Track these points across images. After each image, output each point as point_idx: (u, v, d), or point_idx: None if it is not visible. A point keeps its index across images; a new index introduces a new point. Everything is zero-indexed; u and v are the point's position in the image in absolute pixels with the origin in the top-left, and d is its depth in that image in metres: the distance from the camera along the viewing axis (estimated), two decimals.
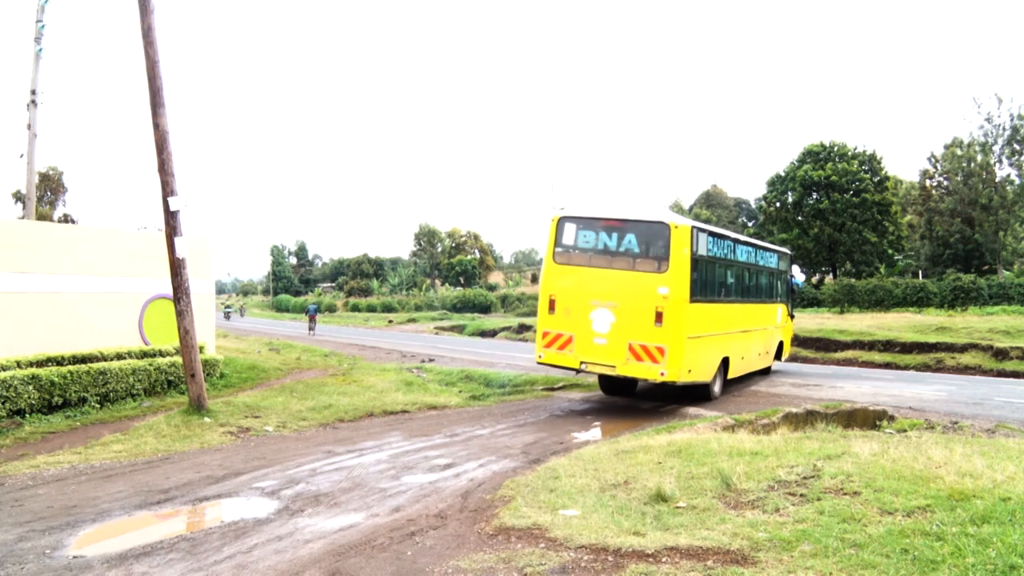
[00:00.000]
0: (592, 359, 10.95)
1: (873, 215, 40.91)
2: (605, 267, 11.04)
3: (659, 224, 10.82)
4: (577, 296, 11.10)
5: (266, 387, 14.37)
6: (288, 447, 8.73)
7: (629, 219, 11.06)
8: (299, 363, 19.59)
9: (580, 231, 11.32)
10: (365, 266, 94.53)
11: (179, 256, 10.30)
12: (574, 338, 11.07)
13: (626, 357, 10.68)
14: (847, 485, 5.44)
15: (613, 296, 10.83)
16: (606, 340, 10.80)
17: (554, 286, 11.37)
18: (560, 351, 11.21)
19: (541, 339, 11.40)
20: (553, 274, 11.44)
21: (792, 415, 10.14)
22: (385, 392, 13.29)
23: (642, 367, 10.60)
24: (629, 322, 10.66)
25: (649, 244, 10.87)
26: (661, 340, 10.47)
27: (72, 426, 9.77)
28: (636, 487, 5.92)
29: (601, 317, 10.88)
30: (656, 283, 10.56)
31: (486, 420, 10.72)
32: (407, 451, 8.38)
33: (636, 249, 10.92)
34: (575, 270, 11.24)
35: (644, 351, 10.56)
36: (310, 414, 10.97)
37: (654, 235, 10.83)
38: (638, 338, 10.59)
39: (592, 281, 11.04)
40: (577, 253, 11.32)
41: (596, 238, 11.20)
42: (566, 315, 11.15)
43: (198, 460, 7.97)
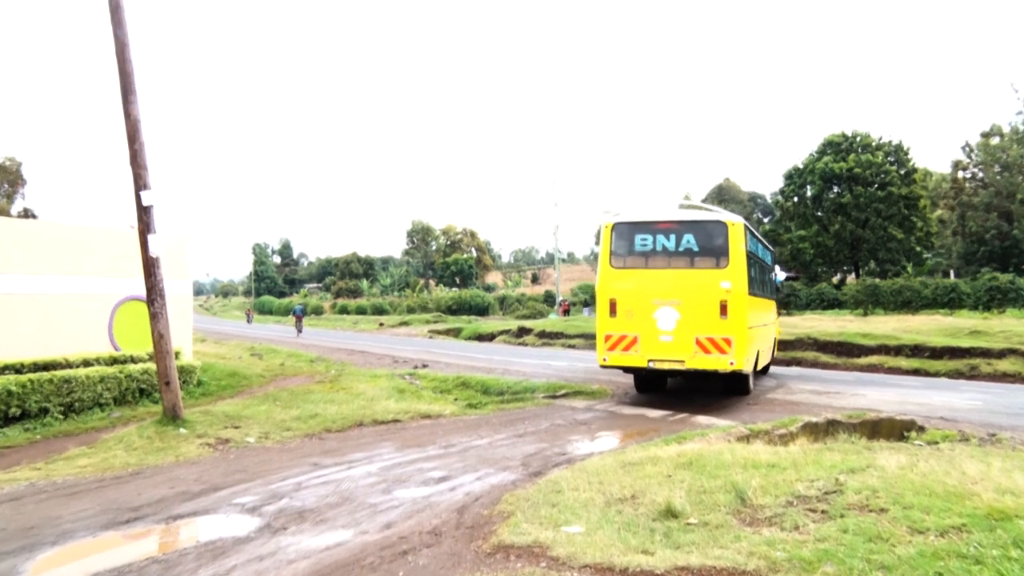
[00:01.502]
0: (660, 356, 12.16)
1: (900, 210, 40.81)
2: (664, 267, 12.32)
3: (717, 223, 12.20)
4: (639, 297, 12.30)
5: (248, 395, 14.33)
6: (271, 459, 8.71)
7: (687, 220, 12.45)
8: (283, 369, 19.55)
9: (637, 235, 12.55)
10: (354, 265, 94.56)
11: (153, 254, 10.28)
12: (639, 338, 12.26)
13: (694, 351, 11.93)
14: (873, 501, 5.41)
15: (676, 294, 12.09)
16: (672, 337, 12.06)
17: (614, 289, 12.51)
18: (625, 352, 12.35)
19: (603, 342, 12.51)
20: (611, 278, 12.60)
21: (811, 425, 10.11)
22: (376, 400, 13.26)
23: (711, 359, 11.85)
24: (694, 318, 11.94)
25: (707, 242, 12.19)
26: (728, 332, 11.80)
27: (32, 439, 9.73)
28: (644, 502, 5.90)
29: (666, 315, 12.13)
30: (718, 278, 11.90)
31: (483, 430, 10.70)
32: (399, 463, 8.35)
33: (696, 248, 12.21)
34: (634, 272, 12.46)
35: (712, 344, 11.86)
36: (295, 424, 10.94)
37: (712, 233, 12.18)
38: (705, 332, 11.88)
39: (653, 282, 12.28)
40: (634, 256, 12.55)
41: (653, 240, 12.45)
42: (628, 317, 12.32)
43: (173, 474, 7.94)
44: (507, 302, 64.82)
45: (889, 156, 42.30)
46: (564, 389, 14.75)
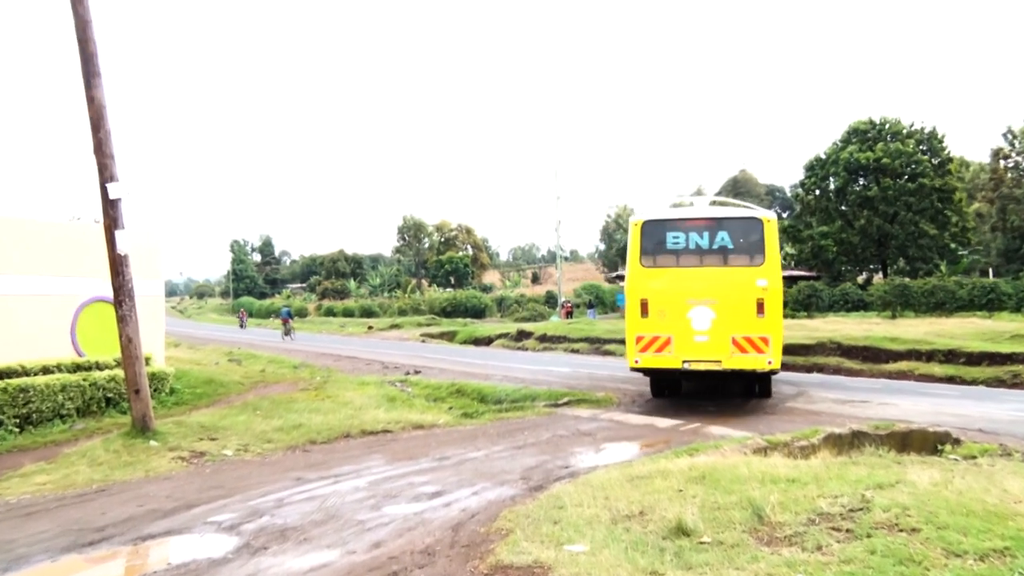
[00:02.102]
0: (695, 357, 12.58)
1: (932, 203, 40.67)
2: (696, 265, 12.77)
3: (753, 219, 12.74)
4: (672, 297, 12.70)
5: (225, 404, 14.32)
6: (251, 473, 8.70)
7: (721, 216, 12.93)
8: (264, 376, 19.56)
9: (668, 232, 12.95)
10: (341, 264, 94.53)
11: (121, 252, 10.26)
12: (673, 339, 12.67)
13: (730, 351, 12.40)
14: (903, 520, 5.38)
15: (711, 293, 12.53)
16: (708, 337, 12.48)
17: (645, 289, 12.89)
18: (658, 353, 12.75)
19: (635, 344, 12.83)
20: (642, 277, 12.98)
21: (835, 436, 10.11)
22: (364, 409, 13.28)
23: (748, 359, 12.35)
24: (731, 316, 12.41)
25: (742, 239, 12.70)
26: (765, 330, 12.32)
27: None
28: (653, 519, 5.90)
29: (700, 315, 12.54)
30: (754, 276, 12.42)
31: (480, 441, 10.71)
32: (389, 477, 8.35)
33: (730, 245, 12.68)
34: (665, 271, 12.87)
35: (748, 343, 12.37)
36: (277, 435, 10.94)
37: (748, 230, 12.71)
38: (741, 331, 12.37)
39: (687, 280, 12.70)
40: (665, 254, 12.96)
41: (686, 238, 12.85)
42: (661, 317, 12.73)
43: (142, 491, 7.92)
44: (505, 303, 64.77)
45: (921, 144, 42.09)
46: (567, 397, 14.76)
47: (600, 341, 31.37)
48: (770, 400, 14.34)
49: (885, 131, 43.17)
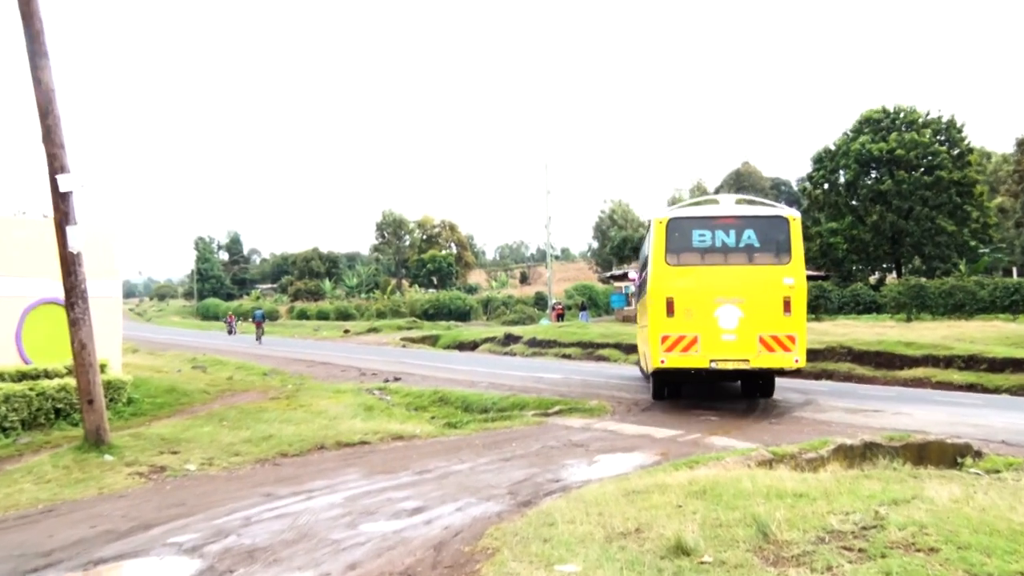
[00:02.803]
0: (722, 356, 13.36)
1: (950, 197, 40.92)
2: (722, 263, 13.59)
3: (779, 218, 13.64)
4: (698, 295, 13.43)
5: (188, 414, 14.26)
6: (216, 490, 8.64)
7: (748, 215, 13.77)
8: (231, 384, 19.50)
9: (694, 230, 13.71)
10: (315, 263, 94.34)
11: (73, 249, 10.18)
12: (699, 338, 13.37)
13: (757, 350, 13.24)
14: (920, 539, 5.38)
15: (738, 291, 13.34)
16: (735, 336, 13.28)
17: (670, 288, 13.59)
18: (684, 353, 13.44)
19: (660, 343, 13.54)
20: (667, 276, 13.67)
21: (846, 448, 10.15)
22: (340, 419, 13.27)
23: (775, 357, 13.23)
24: (758, 315, 13.26)
25: (768, 237, 13.56)
26: (792, 329, 13.22)
27: None
28: (650, 536, 5.90)
29: (727, 313, 13.33)
30: (780, 274, 13.33)
31: (465, 452, 10.70)
32: (367, 492, 8.32)
33: (756, 243, 13.53)
34: (691, 270, 13.60)
35: (775, 341, 13.23)
36: (245, 447, 10.91)
37: (774, 228, 13.58)
38: (768, 329, 13.22)
39: (714, 279, 13.47)
40: (689, 252, 13.70)
41: (712, 236, 13.63)
42: (687, 316, 13.45)
43: (95, 511, 7.84)
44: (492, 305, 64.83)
45: (938, 134, 42.29)
46: (558, 405, 14.78)
47: (593, 346, 31.43)
48: (776, 409, 14.40)
49: (900, 120, 43.40)
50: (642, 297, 18.54)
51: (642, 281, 18.20)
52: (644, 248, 17.60)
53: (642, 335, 17.87)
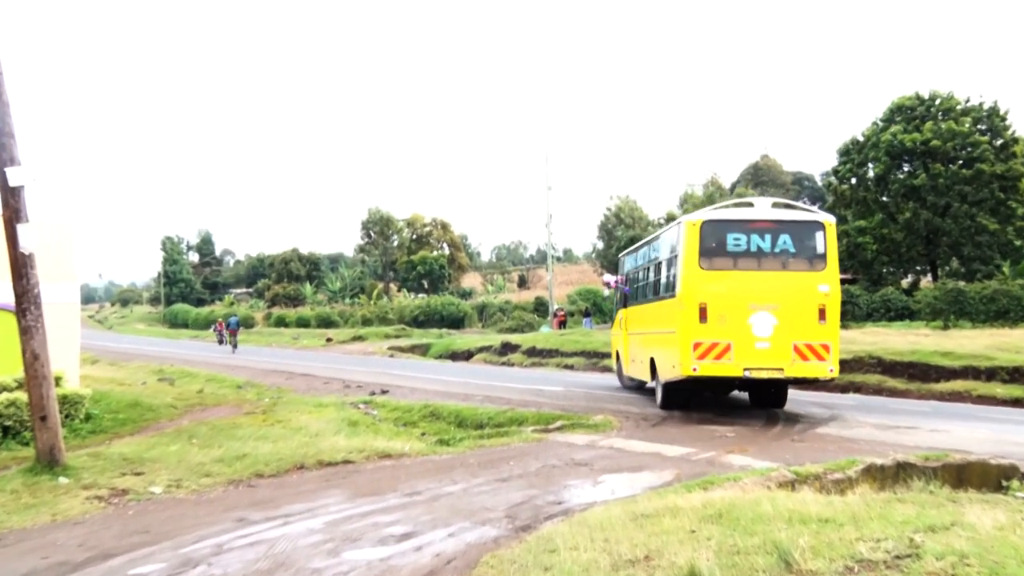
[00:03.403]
0: (756, 364, 14.06)
1: (993, 192, 40.81)
2: (755, 269, 14.39)
3: (815, 223, 14.61)
4: (733, 301, 14.13)
5: (154, 431, 14.24)
6: (184, 514, 8.62)
7: (784, 219, 14.69)
8: (202, 398, 19.51)
9: (729, 234, 14.45)
10: (294, 265, 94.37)
11: (25, 250, 10.14)
12: (733, 345, 14.04)
13: (792, 358, 13.98)
14: (961, 570, 5.35)
15: (773, 298, 14.10)
16: (769, 344, 14.00)
17: (703, 292, 14.27)
18: (717, 361, 14.08)
19: (692, 350, 14.16)
20: (700, 281, 14.37)
21: (876, 468, 10.13)
22: (321, 436, 13.26)
23: (809, 366, 14.04)
24: (792, 323, 14.02)
25: (804, 243, 14.46)
26: (826, 337, 14.05)
27: None
28: (661, 564, 5.89)
29: (762, 320, 14.02)
30: (816, 281, 14.17)
31: (458, 472, 10.70)
32: (350, 516, 8.31)
33: (792, 249, 14.38)
34: (725, 275, 14.37)
35: (810, 350, 14.01)
36: (216, 467, 10.88)
37: (810, 234, 14.49)
38: (803, 338, 14.00)
39: (748, 285, 14.27)
40: (723, 257, 14.44)
41: (747, 240, 14.40)
42: (721, 322, 14.10)
43: (48, 539, 7.79)
44: (488, 311, 64.81)
45: (979, 123, 42.10)
46: (560, 420, 14.79)
47: (598, 355, 31.46)
48: (798, 425, 14.41)
49: (935, 108, 43.31)
50: (637, 302, 19.04)
51: (642, 284, 18.60)
52: (654, 250, 17.74)
53: (641, 341, 18.23)
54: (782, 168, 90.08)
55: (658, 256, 17.00)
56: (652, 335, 17.19)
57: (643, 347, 18.10)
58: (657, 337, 16.62)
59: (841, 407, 17.10)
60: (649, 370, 17.15)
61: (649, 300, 17.65)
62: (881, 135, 43.23)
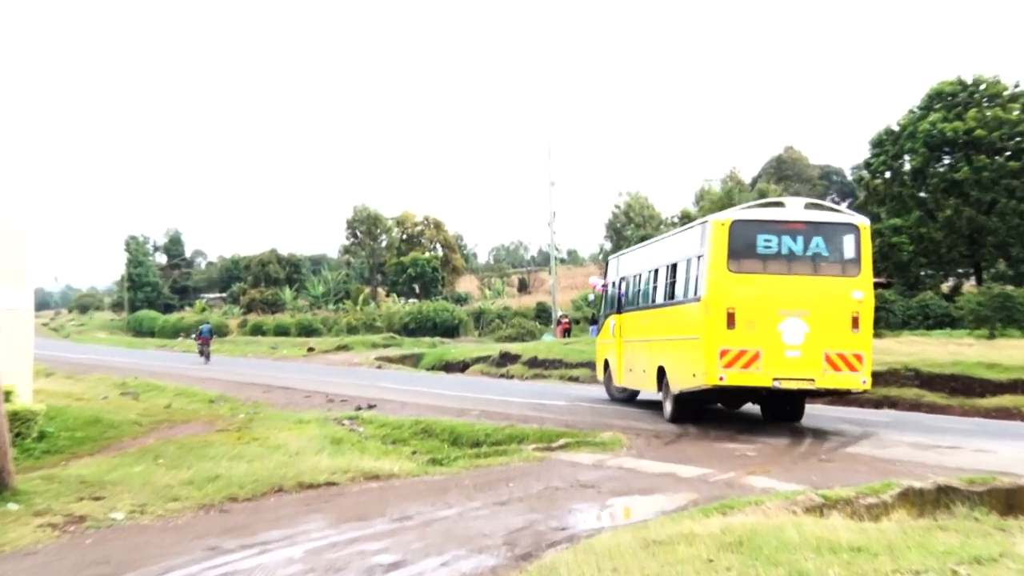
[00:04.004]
0: (785, 374, 14.41)
1: None
2: (785, 273, 14.71)
3: (849, 225, 14.98)
4: (762, 307, 14.47)
5: (116, 451, 14.23)
6: (149, 543, 8.59)
7: (817, 221, 15.06)
8: (170, 413, 19.49)
9: (759, 235, 14.78)
10: (273, 267, 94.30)
11: None
12: (761, 353, 14.37)
13: (823, 368, 14.35)
14: None
15: (804, 304, 14.43)
16: (800, 352, 14.34)
17: (731, 297, 14.58)
18: (744, 370, 14.43)
19: (719, 358, 14.44)
20: (728, 284, 14.68)
21: (914, 492, 10.12)
22: (302, 455, 13.24)
23: (841, 377, 14.43)
24: (824, 331, 14.36)
25: (837, 246, 14.84)
26: (859, 347, 14.42)
27: None
28: None
29: (792, 328, 14.36)
30: (849, 287, 14.55)
31: (452, 495, 10.71)
32: (334, 544, 8.30)
33: (824, 252, 14.77)
34: (754, 278, 14.68)
35: (842, 360, 14.34)
36: (185, 490, 10.84)
37: (844, 237, 14.87)
38: (835, 347, 14.34)
39: (777, 289, 14.58)
40: (752, 260, 14.77)
41: (778, 242, 14.74)
42: (749, 329, 14.43)
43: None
44: (485, 318, 64.89)
45: None
46: (564, 438, 14.81)
47: None
48: (827, 443, 14.43)
49: (979, 94, 43.15)
50: (637, 307, 19.42)
51: (646, 287, 18.91)
52: (666, 251, 18.05)
53: (645, 348, 18.54)
54: (808, 161, 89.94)
55: (673, 257, 17.10)
56: (662, 342, 17.34)
57: (647, 355, 18.27)
58: (670, 344, 16.76)
59: (874, 424, 17.12)
60: (656, 380, 17.32)
61: (657, 305, 17.84)
62: (919, 124, 43.09)
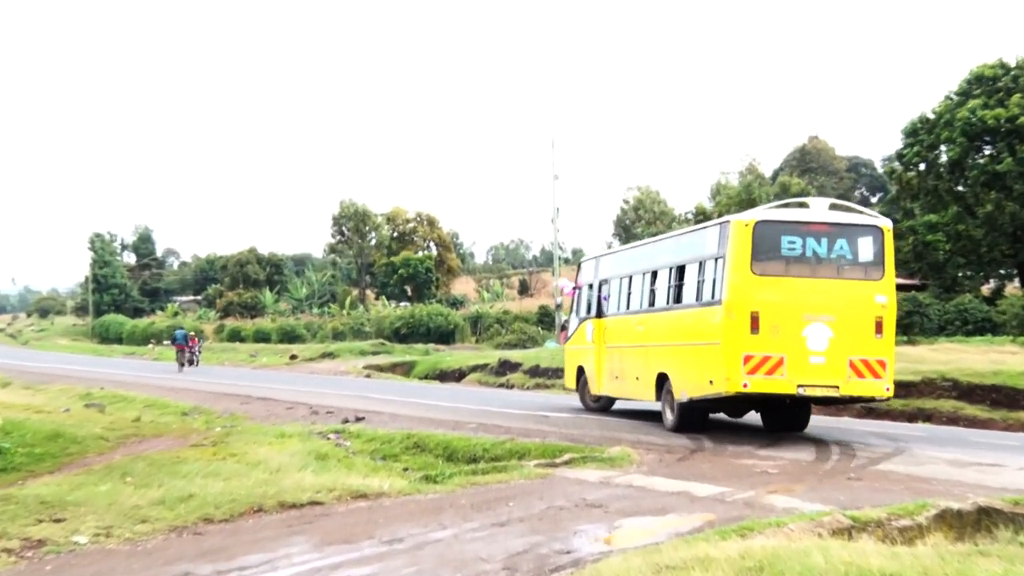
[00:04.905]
0: (810, 381, 15.00)
1: None
2: (808, 276, 15.32)
3: (874, 228, 15.62)
4: (787, 311, 15.03)
5: (80, 468, 14.22)
6: (115, 569, 8.59)
7: (842, 222, 15.75)
8: (139, 427, 19.49)
9: (784, 236, 15.33)
10: (252, 268, 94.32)
11: None
12: (785, 359, 14.89)
13: (847, 375, 14.97)
14: None
15: (828, 308, 15.03)
16: (824, 359, 14.92)
17: (756, 300, 15.09)
18: (768, 376, 14.92)
19: (742, 364, 14.94)
20: (752, 287, 15.19)
21: (952, 514, 10.09)
22: (283, 471, 13.23)
23: (865, 384, 15.14)
24: (849, 336, 14.99)
25: (861, 248, 15.46)
26: (882, 353, 15.14)
27: None
28: None
29: (817, 333, 14.91)
30: (872, 291, 15.19)
31: (447, 515, 10.70)
32: (318, 569, 8.31)
33: (848, 255, 15.40)
34: (779, 281, 15.23)
35: (866, 366, 15.02)
36: (155, 511, 10.82)
37: (868, 239, 15.49)
38: (859, 353, 15.00)
39: (802, 293, 15.17)
40: (775, 262, 15.32)
41: (803, 244, 15.32)
42: (774, 334, 14.96)
43: None
44: (483, 323, 64.88)
45: None
46: (568, 453, 14.77)
47: None
48: (855, 459, 14.43)
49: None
50: (629, 312, 19.67)
51: (644, 291, 19.02)
52: (672, 252, 18.41)
53: (641, 355, 18.84)
54: (834, 152, 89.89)
55: (679, 259, 17.49)
56: (664, 348, 17.68)
57: (642, 362, 18.63)
58: (676, 350, 17.13)
59: (908, 439, 17.14)
60: (653, 388, 17.73)
61: (658, 309, 18.13)
62: (956, 112, 43.02)
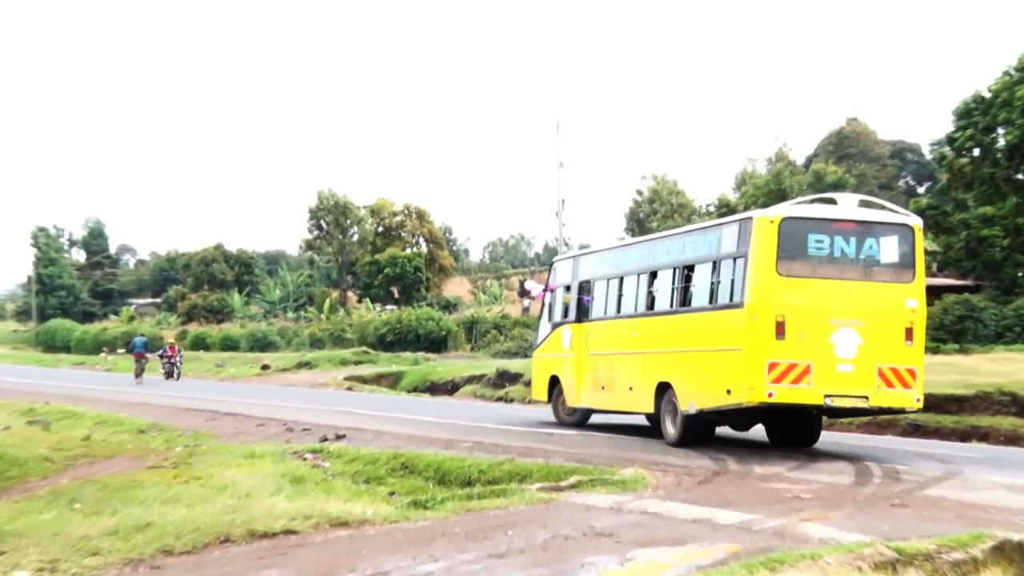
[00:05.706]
0: (838, 390, 15.48)
1: None
2: (836, 277, 15.84)
3: (904, 227, 16.17)
4: (814, 315, 15.48)
5: (21, 494, 14.28)
6: None
7: (872, 220, 16.25)
8: (89, 447, 19.49)
9: (811, 235, 15.81)
10: (218, 267, 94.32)
11: None
12: (812, 367, 15.32)
13: (876, 384, 15.48)
14: None
15: (857, 312, 15.48)
16: (853, 367, 15.40)
17: (782, 304, 15.51)
18: (794, 385, 15.34)
19: (767, 372, 15.34)
20: (777, 289, 15.62)
21: (1012, 546, 10.07)
22: (254, 497, 13.21)
23: (895, 394, 15.70)
24: (877, 342, 15.47)
25: (891, 249, 15.96)
26: (913, 361, 15.65)
27: None
28: None
29: (845, 339, 15.35)
30: (903, 294, 15.74)
31: (438, 545, 10.66)
32: None
33: (877, 255, 15.92)
34: (805, 283, 15.71)
35: (895, 375, 15.53)
36: (108, 542, 10.77)
37: (898, 239, 16.02)
38: (888, 361, 15.49)
39: (829, 296, 15.67)
40: (801, 262, 15.79)
41: (831, 244, 15.83)
42: (800, 339, 15.41)
43: None
44: (479, 329, 64.83)
45: None
46: (574, 475, 14.75)
47: None
48: (899, 483, 14.39)
49: None
50: (620, 316, 20.01)
51: (641, 293, 19.30)
52: (677, 250, 18.65)
53: (638, 363, 19.17)
54: (876, 136, 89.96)
55: (688, 257, 17.82)
56: (667, 355, 18.03)
57: (639, 370, 18.95)
58: (683, 357, 17.47)
59: (959, 460, 17.11)
60: (652, 399, 18.07)
61: (660, 312, 18.44)
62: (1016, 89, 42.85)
